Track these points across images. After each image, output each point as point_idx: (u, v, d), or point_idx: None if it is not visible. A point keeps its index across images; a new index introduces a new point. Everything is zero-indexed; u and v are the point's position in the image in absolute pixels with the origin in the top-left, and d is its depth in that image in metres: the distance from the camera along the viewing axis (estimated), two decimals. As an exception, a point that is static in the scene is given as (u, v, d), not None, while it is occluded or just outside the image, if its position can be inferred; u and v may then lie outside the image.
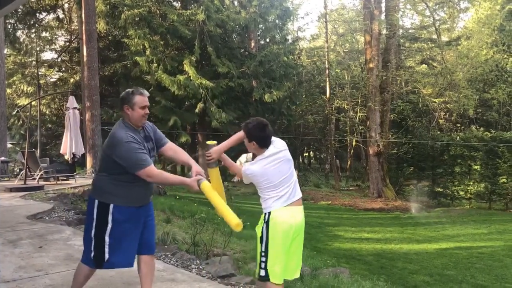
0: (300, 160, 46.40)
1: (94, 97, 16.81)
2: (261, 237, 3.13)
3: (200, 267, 5.05)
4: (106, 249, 3.07)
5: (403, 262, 9.55)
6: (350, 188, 30.77)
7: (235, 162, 3.55)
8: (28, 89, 28.24)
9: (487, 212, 20.25)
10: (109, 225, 3.05)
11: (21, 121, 29.66)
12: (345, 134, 34.66)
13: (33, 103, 21.65)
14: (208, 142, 3.42)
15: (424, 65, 33.62)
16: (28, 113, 14.03)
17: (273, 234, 3.07)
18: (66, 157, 13.91)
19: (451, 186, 23.37)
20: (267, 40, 29.48)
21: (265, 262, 3.08)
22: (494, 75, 31.50)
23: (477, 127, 27.03)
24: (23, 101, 27.12)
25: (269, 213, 3.12)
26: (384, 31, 27.88)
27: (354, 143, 33.31)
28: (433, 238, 13.02)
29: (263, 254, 3.10)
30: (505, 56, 31.33)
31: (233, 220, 3.00)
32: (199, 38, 21.57)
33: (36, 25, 25.73)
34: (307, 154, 52.11)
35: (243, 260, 5.89)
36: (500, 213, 19.91)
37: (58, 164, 14.69)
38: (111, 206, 3.07)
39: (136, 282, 4.17)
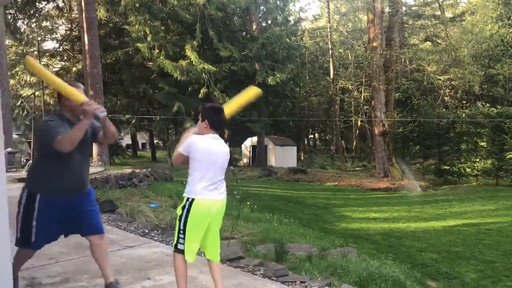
0: (305, 142, 46.39)
1: (97, 85, 16.79)
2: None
3: (209, 251, 5.07)
4: (33, 232, 3.23)
5: (411, 240, 9.57)
6: (356, 168, 30.79)
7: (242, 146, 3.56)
8: (31, 79, 28.24)
9: (494, 188, 20.22)
10: (35, 211, 3.22)
11: (25, 112, 29.74)
12: (350, 115, 34.56)
13: (36, 93, 21.64)
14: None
15: (428, 42, 33.28)
16: (32, 104, 14.05)
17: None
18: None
19: (457, 164, 23.33)
20: (269, 22, 29.26)
21: (183, 239, 3.30)
22: (500, 50, 31.17)
23: (483, 104, 26.86)
24: (26, 92, 27.14)
25: (193, 199, 3.19)
26: (387, 9, 27.56)
27: (359, 123, 33.22)
28: (441, 216, 13.04)
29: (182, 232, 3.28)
30: (511, 30, 30.93)
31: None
32: (200, 22, 21.43)
33: (36, 14, 25.60)
34: (312, 136, 52.07)
35: (251, 243, 5.93)
36: (507, 189, 19.88)
37: (64, 154, 14.70)
38: (38, 195, 3.23)
39: (145, 267, 4.22)
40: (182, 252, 3.22)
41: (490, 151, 21.84)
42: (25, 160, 15.24)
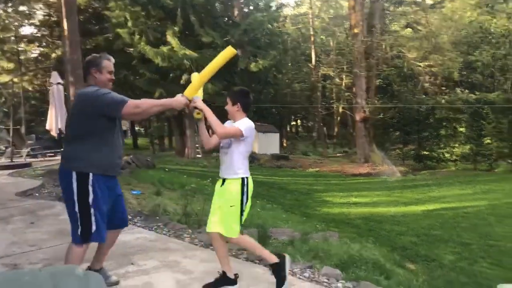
0: (288, 128, 46.52)
1: (77, 71, 16.42)
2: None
3: (193, 236, 5.13)
4: (93, 220, 2.97)
5: (391, 224, 9.75)
6: (338, 154, 31.07)
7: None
8: (9, 65, 27.63)
9: (472, 173, 20.64)
10: (91, 196, 2.96)
11: (3, 99, 29.18)
12: (331, 101, 34.78)
13: (15, 79, 21.24)
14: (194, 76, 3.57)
15: (408, 29, 33.53)
16: (10, 90, 13.80)
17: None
18: (52, 133, 13.76)
19: (436, 149, 23.71)
20: (251, 7, 29.05)
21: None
22: (478, 37, 31.56)
23: (462, 90, 27.26)
24: (4, 78, 26.59)
25: (246, 177, 3.35)
26: (368, -5, 27.64)
27: (340, 110, 33.45)
28: (420, 200, 13.27)
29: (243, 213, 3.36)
30: (489, 17, 31.32)
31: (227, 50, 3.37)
32: (181, 7, 21.17)
33: (13, -1, 25.02)
34: (294, 122, 52.22)
35: (234, 228, 5.98)
36: (484, 173, 20.31)
37: (44, 141, 14.55)
38: (90, 175, 2.96)
39: (129, 253, 4.24)
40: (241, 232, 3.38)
41: (468, 137, 22.24)
42: (4, 148, 15.01)
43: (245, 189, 3.32)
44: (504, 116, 20.97)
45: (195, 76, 3.54)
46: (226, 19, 25.92)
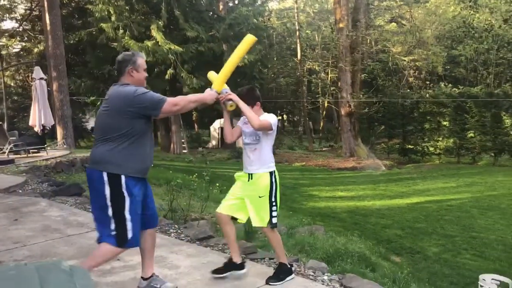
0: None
1: (60, 66, 16.34)
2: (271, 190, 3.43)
3: (179, 231, 5.12)
4: (129, 226, 2.88)
5: (376, 217, 9.85)
6: (324, 149, 31.21)
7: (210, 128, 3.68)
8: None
9: (456, 166, 20.90)
10: (127, 201, 2.87)
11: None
12: (317, 96, 34.87)
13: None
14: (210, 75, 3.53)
15: (393, 23, 33.72)
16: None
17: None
18: (36, 129, 13.59)
19: (421, 143, 23.94)
20: (236, 1, 28.96)
21: (276, 210, 3.47)
22: (462, 32, 31.93)
23: (446, 84, 27.55)
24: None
25: (274, 170, 3.51)
26: (353, -10, 27.72)
27: (326, 104, 33.56)
28: (405, 194, 13.42)
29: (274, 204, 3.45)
30: (472, 12, 31.68)
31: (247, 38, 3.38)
32: (165, 1, 21.02)
33: (-7, -8, 24.59)
34: (280, 117, 52.27)
35: (221, 223, 5.99)
36: (468, 166, 20.59)
37: (27, 137, 14.33)
38: (123, 177, 2.88)
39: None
40: (275, 225, 3.45)
41: (452, 130, 22.48)
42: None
43: (274, 180, 3.44)
44: (486, 110, 21.26)
45: (212, 74, 3.52)
46: (211, 13, 25.81)
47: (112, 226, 2.85)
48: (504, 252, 7.24)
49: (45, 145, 13.39)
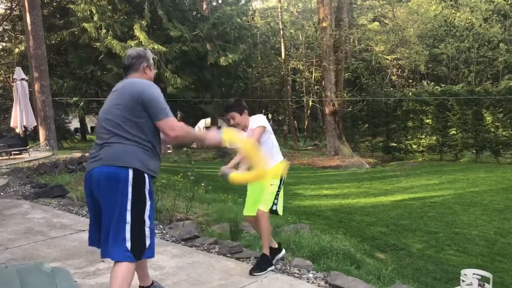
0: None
1: (42, 67, 16.15)
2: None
3: (164, 231, 5.10)
4: (147, 233, 2.58)
5: (361, 215, 9.91)
6: (308, 147, 31.30)
7: (196, 128, 3.75)
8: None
9: (439, 163, 21.15)
10: (148, 204, 2.59)
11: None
12: (301, 95, 34.98)
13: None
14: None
15: (376, 22, 34.00)
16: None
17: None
18: (17, 130, 13.42)
19: (404, 141, 24.15)
20: (219, 1, 28.90)
21: (277, 199, 3.81)
22: (443, 30, 32.33)
23: (428, 82, 27.85)
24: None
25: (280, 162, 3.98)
26: (336, -11, 27.85)
27: (310, 103, 33.66)
28: (389, 191, 13.53)
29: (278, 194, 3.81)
30: (453, 11, 32.10)
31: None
32: (148, 1, 20.90)
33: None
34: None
35: (206, 223, 5.99)
36: (450, 163, 20.85)
37: (9, 139, 14.12)
38: (146, 177, 2.61)
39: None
40: (273, 212, 3.78)
41: (434, 128, 22.73)
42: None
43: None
44: (468, 107, 21.54)
45: (229, 131, 3.19)
46: (195, 12, 25.73)
47: (127, 234, 2.49)
48: (486, 248, 7.35)
49: (27, 147, 13.22)
